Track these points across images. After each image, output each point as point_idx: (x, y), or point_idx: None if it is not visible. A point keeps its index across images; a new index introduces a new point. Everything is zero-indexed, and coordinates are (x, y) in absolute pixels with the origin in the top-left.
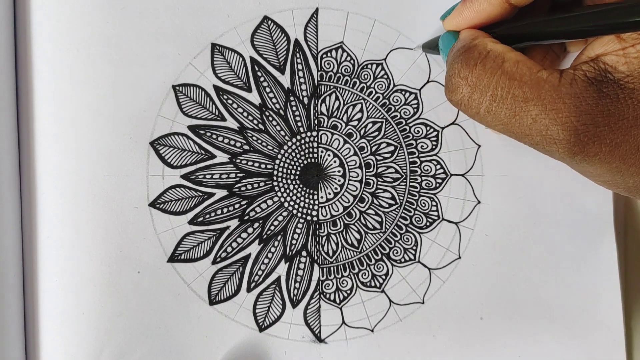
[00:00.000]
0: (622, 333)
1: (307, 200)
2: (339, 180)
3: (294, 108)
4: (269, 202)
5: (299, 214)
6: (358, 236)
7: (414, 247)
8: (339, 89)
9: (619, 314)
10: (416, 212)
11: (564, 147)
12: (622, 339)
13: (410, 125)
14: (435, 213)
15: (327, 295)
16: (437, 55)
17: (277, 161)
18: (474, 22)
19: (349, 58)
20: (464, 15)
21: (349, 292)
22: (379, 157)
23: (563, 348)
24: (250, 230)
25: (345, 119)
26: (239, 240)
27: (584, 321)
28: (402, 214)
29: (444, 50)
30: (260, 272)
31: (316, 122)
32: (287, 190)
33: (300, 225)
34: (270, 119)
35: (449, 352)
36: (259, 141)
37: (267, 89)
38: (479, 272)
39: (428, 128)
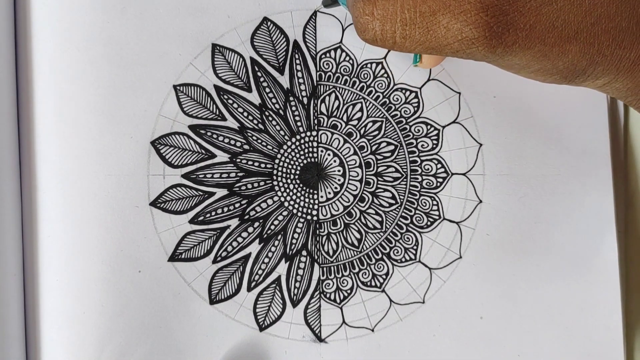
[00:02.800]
0: (621, 333)
1: (307, 200)
2: (339, 180)
3: (294, 108)
4: (269, 201)
5: (299, 214)
6: (358, 235)
7: (415, 247)
8: (338, 89)
9: (619, 314)
10: (417, 212)
11: (482, 44)
12: (621, 338)
13: (411, 124)
14: (436, 212)
15: (328, 295)
16: (339, 6)
17: (277, 160)
18: None
19: (347, 58)
20: None
21: (349, 291)
22: (379, 157)
23: (562, 347)
24: (250, 229)
25: (345, 118)
26: (239, 239)
27: (583, 321)
28: (403, 214)
29: None
30: (260, 272)
31: (316, 121)
32: (287, 190)
33: (300, 225)
34: (270, 118)
35: (449, 351)
36: (259, 141)
37: (267, 89)
38: (480, 272)
39: (429, 127)
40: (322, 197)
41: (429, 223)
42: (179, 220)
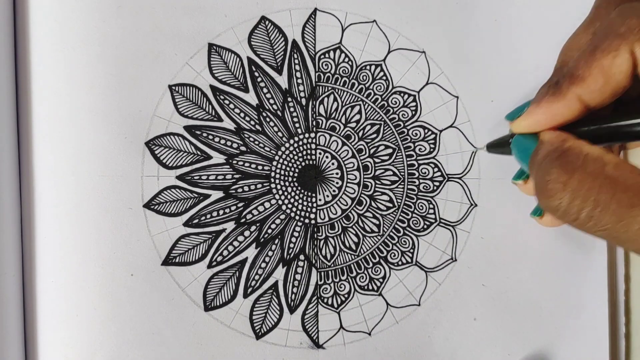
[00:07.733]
0: (607, 334)
1: (305, 203)
2: (337, 183)
3: (292, 109)
4: (266, 204)
5: (297, 217)
6: (356, 239)
7: (411, 250)
8: (337, 90)
9: (605, 316)
10: (414, 215)
11: None
12: (606, 339)
13: (409, 127)
14: (433, 216)
15: (325, 300)
16: (506, 155)
17: (275, 163)
18: (548, 125)
19: (347, 59)
20: (538, 118)
21: (346, 296)
22: (377, 160)
23: (550, 346)
24: (247, 233)
25: (343, 120)
26: (235, 243)
27: (570, 321)
28: (400, 217)
29: (521, 154)
30: (257, 277)
31: (314, 123)
32: (285, 193)
33: (298, 229)
34: (268, 119)
35: (443, 352)
36: (256, 142)
37: (265, 90)
38: (474, 274)
39: (426, 131)
40: (320, 200)
41: (425, 226)
42: (173, 222)
